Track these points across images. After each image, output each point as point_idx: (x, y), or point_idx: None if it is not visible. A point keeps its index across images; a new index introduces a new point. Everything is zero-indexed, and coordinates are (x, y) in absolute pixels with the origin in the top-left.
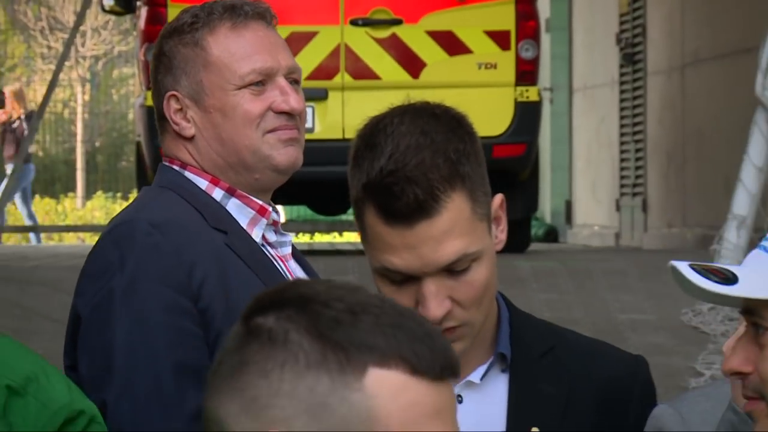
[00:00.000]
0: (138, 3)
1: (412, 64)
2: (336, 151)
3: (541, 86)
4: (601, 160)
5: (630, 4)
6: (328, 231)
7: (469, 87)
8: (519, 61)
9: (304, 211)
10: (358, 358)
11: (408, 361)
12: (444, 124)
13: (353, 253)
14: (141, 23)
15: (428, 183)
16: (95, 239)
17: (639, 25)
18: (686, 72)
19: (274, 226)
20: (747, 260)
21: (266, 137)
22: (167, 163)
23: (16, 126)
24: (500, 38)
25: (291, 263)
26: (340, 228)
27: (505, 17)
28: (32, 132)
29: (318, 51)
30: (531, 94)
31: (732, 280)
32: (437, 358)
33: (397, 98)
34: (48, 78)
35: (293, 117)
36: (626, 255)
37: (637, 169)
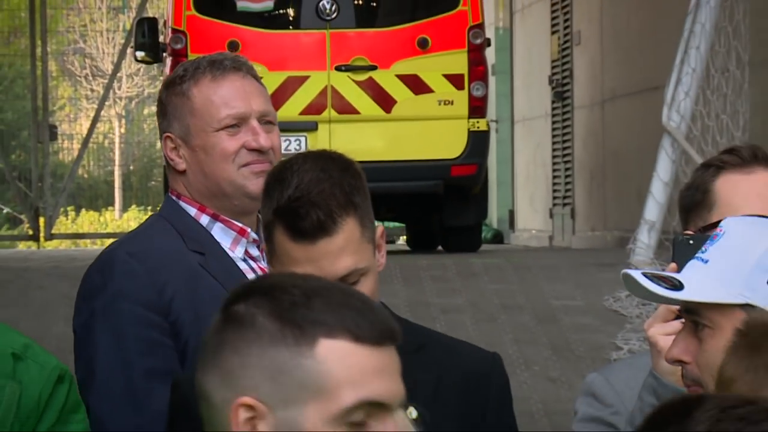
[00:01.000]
0: (164, 54)
1: (385, 101)
2: None
3: (489, 118)
4: (537, 178)
5: (560, 52)
6: None
7: (431, 119)
8: (471, 99)
9: None
10: (310, 332)
11: (351, 332)
12: (338, 165)
13: None
14: (166, 70)
15: (328, 207)
16: None
17: (567, 69)
18: (605, 106)
19: (255, 243)
20: (685, 269)
21: (241, 170)
22: (169, 194)
23: None
24: (456, 80)
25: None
26: None
27: (460, 63)
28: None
29: (309, 91)
30: (481, 125)
31: (679, 287)
32: (376, 328)
33: (373, 129)
34: (91, 115)
35: (264, 152)
36: (558, 253)
37: (566, 184)
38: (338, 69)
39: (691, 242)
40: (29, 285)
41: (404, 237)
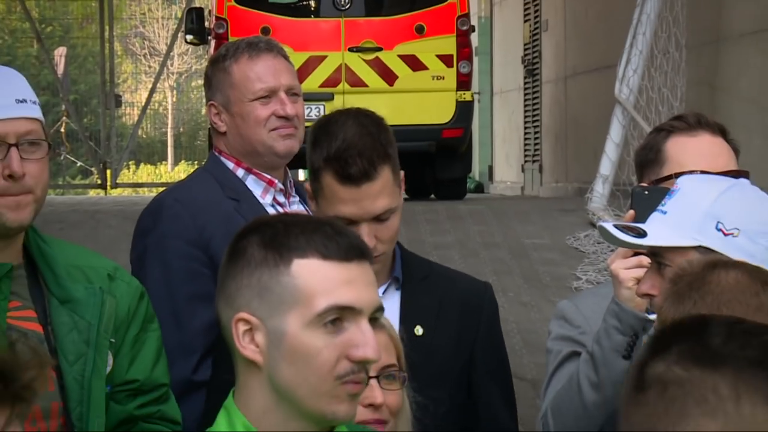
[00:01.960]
0: (209, 37)
1: (389, 77)
2: None
3: (473, 91)
4: (512, 139)
5: (530, 37)
6: None
7: (426, 91)
8: (459, 75)
9: None
10: (286, 255)
11: (320, 251)
12: (373, 122)
13: None
14: (210, 50)
15: (371, 158)
16: None
17: (536, 51)
18: (568, 81)
19: (282, 192)
20: (648, 220)
21: (270, 134)
22: (213, 151)
23: None
24: (446, 59)
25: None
26: None
27: (450, 46)
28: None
29: (327, 69)
30: (466, 96)
31: (643, 235)
32: (342, 247)
33: (379, 99)
34: (149, 87)
35: (290, 119)
36: (529, 201)
37: (535, 145)
38: (351, 50)
39: (646, 193)
40: (99, 224)
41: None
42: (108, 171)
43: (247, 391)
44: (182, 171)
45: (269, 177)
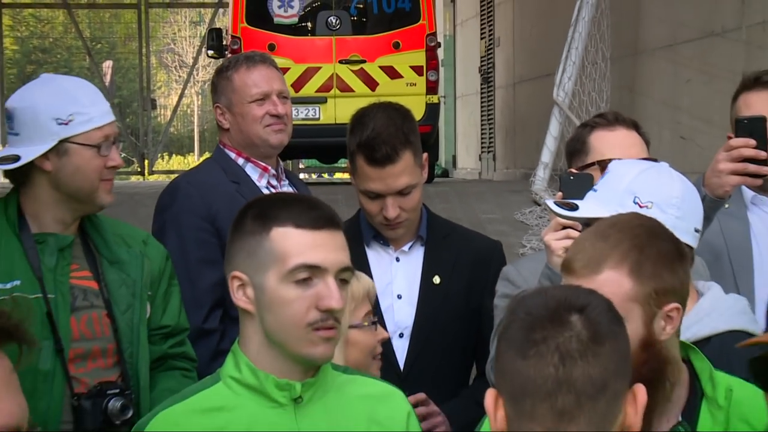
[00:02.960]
0: (226, 52)
1: (371, 84)
2: (331, 130)
3: (439, 95)
4: (471, 134)
5: (485, 51)
6: (328, 172)
7: (401, 95)
8: (428, 82)
9: (315, 162)
10: (268, 224)
11: (293, 221)
12: (400, 114)
13: (340, 184)
14: None
15: (393, 145)
16: None
17: (491, 62)
18: (516, 87)
19: (275, 176)
20: (585, 197)
21: (265, 129)
22: (219, 144)
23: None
24: (417, 70)
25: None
26: (333, 170)
27: (420, 58)
28: (170, 121)
29: (321, 77)
30: (434, 99)
31: (575, 209)
32: (313, 217)
33: (363, 102)
34: (179, 92)
35: (281, 117)
36: (484, 183)
37: (490, 139)
38: (340, 62)
39: (572, 178)
40: (137, 204)
41: None
42: (146, 161)
43: (246, 337)
44: None
45: (264, 164)
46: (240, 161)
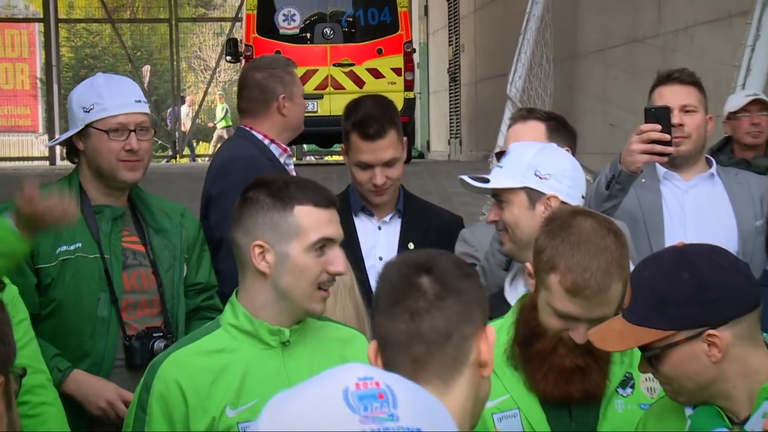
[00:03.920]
0: (241, 57)
1: (359, 83)
2: (327, 121)
3: (415, 91)
4: (441, 123)
5: (453, 55)
6: (325, 155)
7: (384, 92)
8: (405, 81)
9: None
10: (290, 203)
11: (311, 201)
12: (384, 101)
13: (334, 165)
14: (242, 65)
15: (382, 123)
16: None
17: (457, 64)
18: (477, 85)
19: (289, 157)
20: (492, 173)
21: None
22: (243, 126)
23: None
24: (397, 71)
25: (292, 170)
26: (329, 153)
27: (399, 61)
28: (197, 114)
29: (318, 78)
30: (410, 95)
31: (486, 181)
32: (324, 199)
33: (352, 97)
34: (203, 91)
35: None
36: (452, 164)
37: (457, 127)
38: (334, 65)
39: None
40: (168, 182)
41: None
42: (176, 146)
43: (253, 293)
44: None
45: (284, 146)
46: (266, 141)
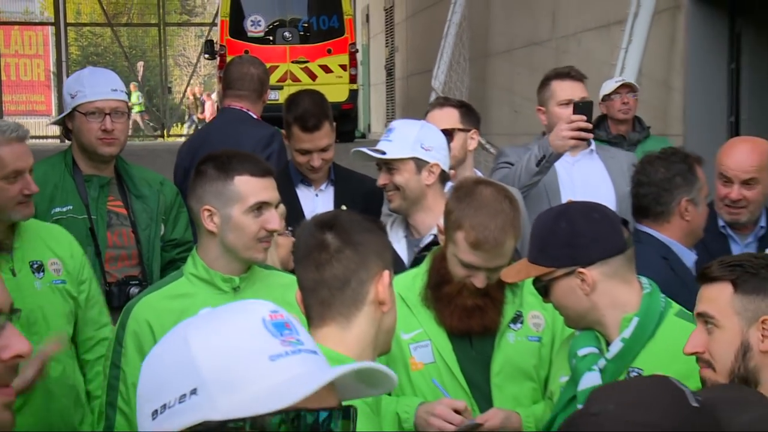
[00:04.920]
0: (216, 55)
1: (313, 76)
2: None
3: (359, 84)
4: (380, 110)
5: (389, 55)
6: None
7: (333, 84)
8: (350, 76)
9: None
10: (230, 174)
11: (249, 171)
12: (319, 96)
13: None
14: (217, 62)
15: (319, 117)
16: None
17: (392, 62)
18: (408, 79)
19: None
20: (386, 147)
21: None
22: (234, 107)
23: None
24: (343, 67)
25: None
26: None
27: (345, 59)
28: (182, 101)
29: (279, 72)
30: (354, 87)
31: (383, 153)
32: (260, 170)
33: (308, 88)
34: (186, 82)
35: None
36: None
37: (392, 112)
38: (292, 62)
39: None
40: (156, 157)
41: None
42: (164, 128)
43: (206, 248)
44: None
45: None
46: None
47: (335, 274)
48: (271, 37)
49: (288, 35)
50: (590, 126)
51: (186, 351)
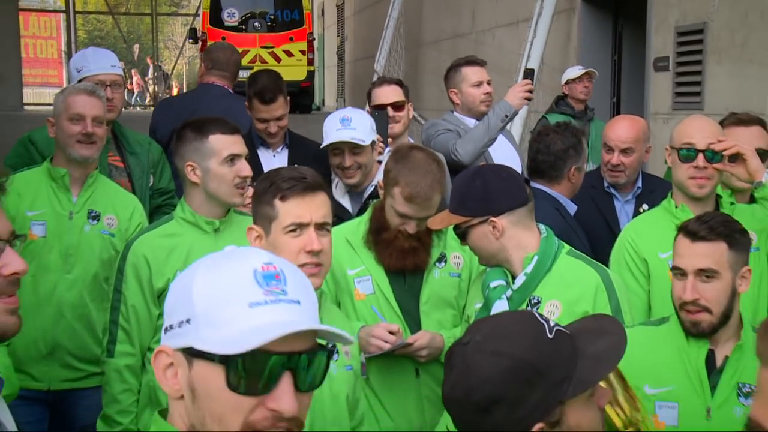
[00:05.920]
0: (198, 40)
1: (278, 59)
2: None
3: (315, 66)
4: (333, 87)
5: (340, 42)
6: None
7: (294, 66)
8: (308, 59)
9: None
10: (205, 134)
11: (221, 130)
12: (275, 74)
13: None
14: (199, 46)
15: (275, 92)
16: None
17: (342, 48)
18: (356, 63)
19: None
20: (350, 131)
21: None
22: (213, 83)
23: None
24: (303, 52)
25: None
26: None
27: (304, 45)
28: (169, 77)
29: (251, 55)
30: (312, 68)
31: (363, 141)
32: (229, 128)
33: (274, 69)
34: (173, 62)
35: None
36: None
37: (343, 90)
38: (261, 47)
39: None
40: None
41: None
42: (156, 98)
43: (191, 197)
44: None
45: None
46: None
47: None
48: (244, 27)
49: (258, 25)
50: (533, 88)
51: (191, 285)
